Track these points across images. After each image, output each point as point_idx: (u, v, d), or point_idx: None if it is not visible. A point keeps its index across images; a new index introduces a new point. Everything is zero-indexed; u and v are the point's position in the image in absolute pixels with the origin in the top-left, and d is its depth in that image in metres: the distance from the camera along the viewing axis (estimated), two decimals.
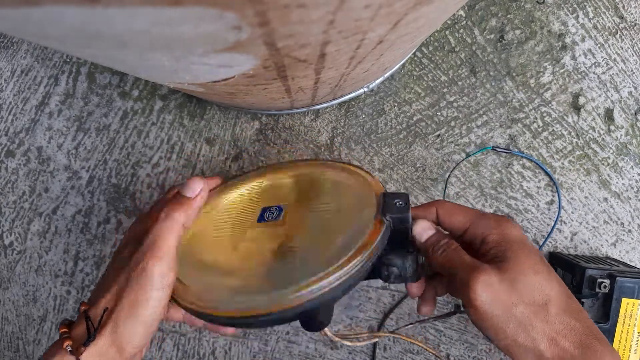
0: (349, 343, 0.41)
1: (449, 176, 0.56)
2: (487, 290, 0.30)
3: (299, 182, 0.45)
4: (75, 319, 0.34)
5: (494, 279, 0.30)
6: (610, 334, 0.46)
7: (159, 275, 0.32)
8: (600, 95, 0.55)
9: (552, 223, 0.55)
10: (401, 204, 0.36)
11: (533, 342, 0.29)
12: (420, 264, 0.37)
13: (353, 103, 0.56)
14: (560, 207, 0.55)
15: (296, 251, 0.36)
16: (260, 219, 0.40)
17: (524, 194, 0.56)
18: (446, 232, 0.37)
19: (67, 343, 0.30)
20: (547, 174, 0.55)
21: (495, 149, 0.55)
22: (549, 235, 0.55)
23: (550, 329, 0.30)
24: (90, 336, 0.31)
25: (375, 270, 0.35)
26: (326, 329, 0.36)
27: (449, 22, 0.56)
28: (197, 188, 0.37)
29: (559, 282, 0.31)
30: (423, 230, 0.36)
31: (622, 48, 0.55)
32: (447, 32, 0.56)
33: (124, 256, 0.35)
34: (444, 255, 0.33)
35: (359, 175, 0.41)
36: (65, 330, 0.32)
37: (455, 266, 0.32)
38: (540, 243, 0.56)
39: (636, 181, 0.55)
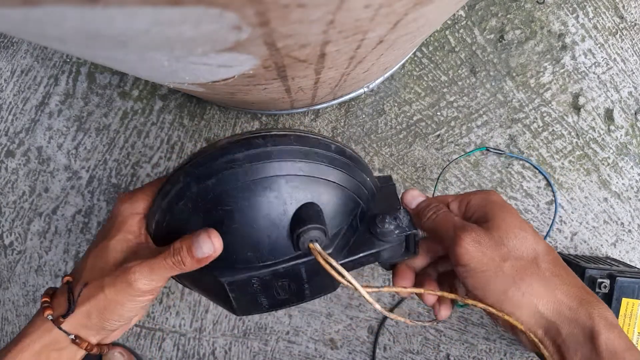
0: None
1: (439, 176, 0.56)
2: (475, 247, 0.30)
3: None
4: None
5: (482, 236, 0.30)
6: None
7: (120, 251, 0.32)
8: (600, 95, 0.55)
9: (552, 223, 0.55)
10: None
11: (524, 295, 0.29)
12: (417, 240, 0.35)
13: (353, 103, 0.56)
14: (556, 206, 0.55)
15: None
16: None
17: (524, 194, 0.56)
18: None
19: (47, 312, 0.31)
20: (542, 174, 0.55)
21: (489, 150, 0.55)
22: (547, 234, 0.55)
23: (542, 283, 0.29)
24: (70, 308, 0.31)
25: (373, 231, 0.34)
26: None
27: (449, 22, 0.56)
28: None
29: (544, 241, 0.31)
30: (413, 197, 0.35)
31: (622, 48, 0.55)
32: (447, 32, 0.56)
33: (104, 230, 0.36)
34: (434, 219, 0.33)
35: None
36: (47, 299, 0.32)
37: (444, 227, 0.32)
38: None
39: (636, 181, 0.55)
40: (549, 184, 0.56)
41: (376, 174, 0.56)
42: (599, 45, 0.55)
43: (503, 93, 0.56)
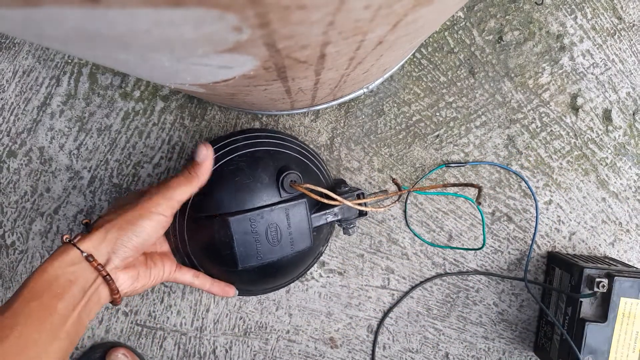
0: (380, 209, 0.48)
1: (407, 198, 0.56)
2: None
3: None
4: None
5: None
6: (608, 333, 0.46)
7: (156, 206, 0.39)
8: (598, 96, 0.56)
9: (551, 223, 0.56)
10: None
11: None
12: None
13: (353, 104, 0.56)
14: (537, 211, 0.55)
15: None
16: None
17: (522, 193, 0.56)
18: None
19: (66, 236, 0.37)
20: (522, 178, 0.56)
21: (448, 165, 0.55)
22: (533, 239, 0.55)
23: None
24: (88, 228, 0.39)
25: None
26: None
27: (448, 23, 0.56)
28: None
29: None
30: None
31: (620, 49, 0.55)
32: (446, 33, 0.56)
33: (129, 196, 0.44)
34: None
35: None
36: (67, 236, 0.38)
37: None
38: (539, 243, 0.56)
39: (634, 181, 0.56)
40: (551, 183, 0.56)
41: (375, 174, 0.57)
42: (597, 46, 0.55)
43: (502, 94, 0.56)
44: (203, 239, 0.46)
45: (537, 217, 0.55)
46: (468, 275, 0.56)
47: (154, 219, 0.39)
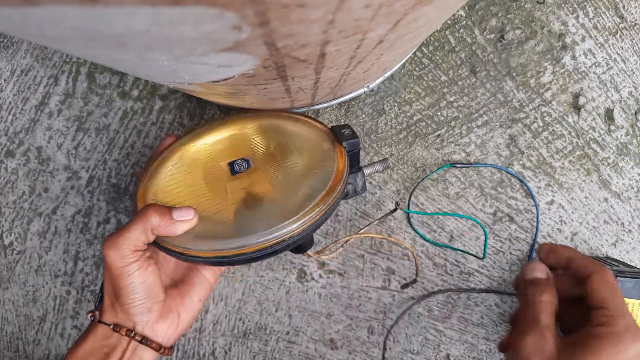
0: (325, 257, 0.50)
1: (410, 195, 0.56)
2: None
3: (256, 134, 0.48)
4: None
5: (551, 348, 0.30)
6: None
7: (113, 260, 0.35)
8: (600, 95, 0.55)
9: (553, 223, 0.55)
10: (349, 132, 0.43)
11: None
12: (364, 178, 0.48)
13: (353, 103, 0.56)
14: (538, 213, 0.55)
15: (272, 197, 0.41)
16: (233, 172, 0.44)
17: (524, 194, 0.56)
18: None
19: (89, 314, 0.38)
20: (520, 181, 0.55)
21: (454, 166, 0.55)
22: (534, 241, 0.55)
23: None
24: (96, 305, 0.39)
25: None
26: (308, 251, 0.47)
27: (449, 21, 0.56)
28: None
29: None
30: (532, 270, 0.36)
31: (622, 48, 0.55)
32: (447, 32, 0.56)
33: None
34: (534, 300, 0.33)
35: (309, 122, 0.47)
36: (91, 314, 0.38)
37: (533, 316, 0.32)
38: (541, 243, 0.56)
39: (636, 181, 0.55)
40: (552, 183, 0.56)
41: (376, 174, 0.56)
42: (599, 45, 0.55)
43: (503, 93, 0.56)
44: None
45: (537, 218, 0.55)
46: (468, 292, 0.56)
47: (133, 271, 0.35)
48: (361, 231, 0.52)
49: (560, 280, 0.36)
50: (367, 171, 0.48)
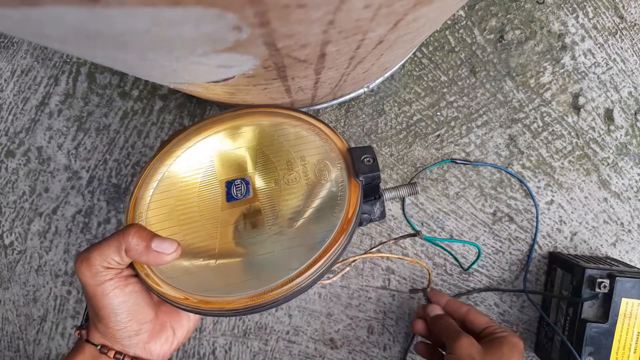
0: (328, 281, 0.48)
1: (404, 199, 0.56)
2: (465, 349, 0.39)
3: (254, 141, 0.40)
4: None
5: (473, 346, 0.40)
6: (609, 334, 0.46)
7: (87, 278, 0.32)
8: (600, 95, 0.55)
9: (552, 223, 0.55)
10: (369, 161, 0.36)
11: None
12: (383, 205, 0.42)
13: (353, 103, 0.56)
14: (537, 212, 0.55)
15: (267, 247, 0.34)
16: (229, 197, 0.36)
17: (523, 194, 0.56)
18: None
19: (76, 332, 0.35)
20: (520, 181, 0.55)
21: (454, 160, 0.55)
22: (534, 241, 0.55)
23: None
24: (82, 323, 0.36)
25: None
26: None
27: (449, 22, 0.56)
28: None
29: None
30: (433, 310, 0.47)
31: (622, 48, 0.55)
32: (447, 32, 0.56)
33: None
34: (441, 324, 0.44)
35: (315, 126, 0.39)
36: (77, 331, 0.36)
37: (448, 331, 0.43)
38: (540, 243, 0.56)
39: (636, 181, 0.55)
40: (552, 183, 0.56)
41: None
42: (598, 45, 0.55)
43: (503, 93, 0.56)
44: None
45: (537, 218, 0.55)
46: (468, 294, 0.56)
47: (108, 291, 0.32)
48: (374, 249, 0.52)
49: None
50: (388, 195, 0.42)
